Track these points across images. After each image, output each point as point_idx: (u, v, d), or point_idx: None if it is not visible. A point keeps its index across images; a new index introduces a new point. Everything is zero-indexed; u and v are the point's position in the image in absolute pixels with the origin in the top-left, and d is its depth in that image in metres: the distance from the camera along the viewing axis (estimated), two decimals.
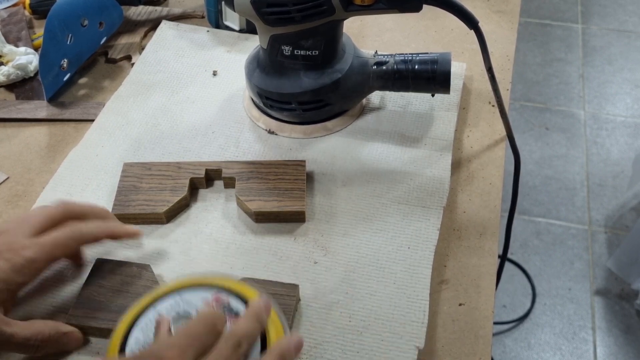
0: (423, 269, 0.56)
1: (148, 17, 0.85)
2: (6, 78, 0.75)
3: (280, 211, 0.58)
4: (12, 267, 0.46)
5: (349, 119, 0.69)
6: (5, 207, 0.62)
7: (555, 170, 1.81)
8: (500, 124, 0.69)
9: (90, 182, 0.63)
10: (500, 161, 0.67)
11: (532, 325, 1.49)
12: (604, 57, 2.17)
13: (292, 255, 0.57)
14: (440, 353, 0.52)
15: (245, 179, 0.61)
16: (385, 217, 0.60)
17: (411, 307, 0.53)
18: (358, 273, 0.56)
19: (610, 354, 1.43)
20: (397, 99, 0.71)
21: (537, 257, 1.61)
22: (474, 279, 0.57)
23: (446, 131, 0.68)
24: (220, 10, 0.80)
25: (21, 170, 0.66)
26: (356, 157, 0.66)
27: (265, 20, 0.59)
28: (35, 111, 0.72)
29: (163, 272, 0.56)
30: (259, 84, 0.65)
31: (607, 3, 2.39)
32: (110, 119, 0.70)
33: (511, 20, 0.85)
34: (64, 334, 0.49)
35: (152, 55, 0.77)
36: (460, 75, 0.74)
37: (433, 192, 0.62)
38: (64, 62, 0.73)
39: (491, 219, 0.61)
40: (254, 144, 0.67)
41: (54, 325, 0.48)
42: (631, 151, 1.85)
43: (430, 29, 0.84)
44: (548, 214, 1.71)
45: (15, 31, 0.82)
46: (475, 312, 0.54)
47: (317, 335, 0.51)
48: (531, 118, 1.96)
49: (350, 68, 0.65)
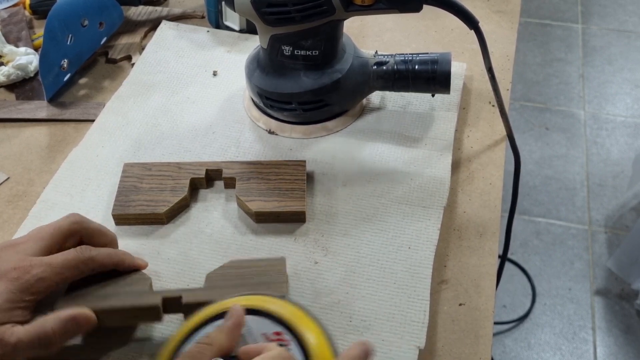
0: (423, 269, 0.56)
1: (148, 17, 0.85)
2: (6, 78, 0.75)
3: (281, 211, 0.58)
4: (20, 287, 0.45)
5: (349, 119, 0.69)
6: (6, 207, 0.62)
7: (555, 170, 1.81)
8: (500, 124, 0.69)
9: (90, 183, 0.63)
10: (500, 161, 0.67)
11: (532, 325, 1.49)
12: (604, 57, 2.17)
13: (292, 255, 0.57)
14: (440, 353, 0.52)
15: (245, 179, 0.61)
16: (385, 217, 0.60)
17: (412, 307, 0.53)
18: (358, 273, 0.56)
19: (610, 354, 1.43)
20: (397, 99, 0.71)
21: (537, 257, 1.61)
22: (474, 279, 0.57)
23: (446, 131, 0.68)
24: (220, 10, 0.80)
25: (21, 170, 0.66)
26: (356, 157, 0.66)
27: (265, 20, 0.59)
28: (36, 111, 0.72)
29: (163, 272, 0.56)
30: (259, 84, 0.65)
31: (607, 3, 2.39)
32: (111, 119, 0.70)
33: (511, 20, 0.85)
34: (70, 319, 0.46)
35: (152, 55, 0.77)
36: (461, 75, 0.74)
37: (433, 192, 0.62)
38: (64, 62, 0.73)
39: (491, 219, 0.61)
40: (254, 144, 0.67)
41: (54, 317, 0.46)
42: (631, 151, 1.85)
43: (430, 29, 0.84)
44: (548, 214, 1.71)
45: (16, 31, 0.82)
46: (476, 312, 0.54)
47: None
48: (531, 118, 1.96)
49: (350, 68, 0.65)
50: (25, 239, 0.49)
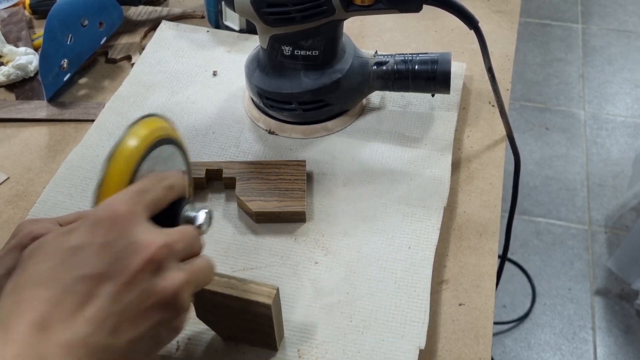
0: (424, 269, 0.56)
1: (148, 17, 0.85)
2: (6, 78, 0.75)
3: (281, 211, 0.58)
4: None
5: (349, 119, 0.69)
6: (6, 207, 0.62)
7: (555, 170, 1.81)
8: (500, 124, 0.69)
9: (90, 183, 0.63)
10: (500, 161, 0.67)
11: (532, 325, 1.49)
12: (604, 57, 2.17)
13: (292, 255, 0.57)
14: (440, 353, 0.52)
15: (245, 179, 0.61)
16: (385, 217, 0.60)
17: (412, 307, 0.53)
18: (359, 273, 0.55)
19: (610, 354, 1.43)
20: (397, 99, 0.71)
21: (537, 257, 1.61)
22: (474, 279, 0.57)
23: (446, 131, 0.68)
24: (220, 10, 0.80)
25: (21, 170, 0.66)
26: (356, 157, 0.66)
27: (265, 20, 0.59)
28: (35, 111, 0.72)
29: None
30: (259, 84, 0.65)
31: (607, 3, 2.39)
32: (110, 119, 0.70)
33: (511, 20, 0.85)
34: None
35: (152, 55, 0.77)
36: (460, 75, 0.74)
37: (433, 192, 0.62)
38: (64, 62, 0.73)
39: (491, 219, 0.61)
40: (254, 144, 0.67)
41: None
42: (631, 151, 1.85)
43: (430, 29, 0.84)
44: (548, 214, 1.71)
45: (15, 31, 0.82)
46: (475, 312, 0.54)
47: (318, 335, 0.51)
48: (531, 118, 1.96)
49: (350, 68, 0.65)
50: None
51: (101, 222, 0.36)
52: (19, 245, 0.43)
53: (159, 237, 0.36)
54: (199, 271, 0.39)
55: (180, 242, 0.38)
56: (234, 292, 0.45)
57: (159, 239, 0.36)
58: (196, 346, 0.51)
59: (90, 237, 0.35)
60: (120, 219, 0.36)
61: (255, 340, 0.50)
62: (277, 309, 0.47)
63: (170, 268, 0.37)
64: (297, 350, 0.50)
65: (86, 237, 0.35)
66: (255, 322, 0.47)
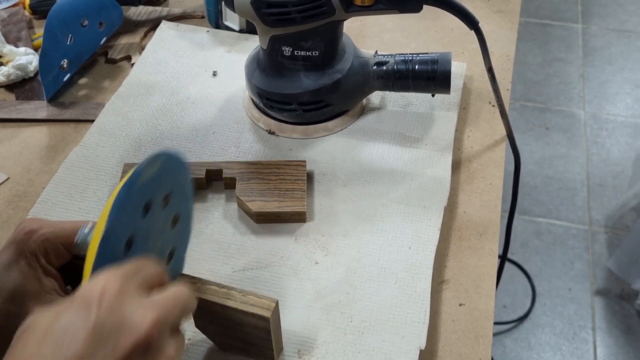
0: (424, 269, 0.56)
1: (148, 17, 0.85)
2: (6, 78, 0.75)
3: (281, 211, 0.58)
4: None
5: (349, 119, 0.69)
6: (6, 208, 0.62)
7: (555, 170, 1.81)
8: (500, 124, 0.69)
9: (90, 183, 0.63)
10: (500, 161, 0.67)
11: (532, 326, 1.49)
12: (604, 57, 2.17)
13: (293, 255, 0.57)
14: (440, 353, 0.52)
15: (245, 180, 0.61)
16: (386, 217, 0.60)
17: (412, 307, 0.53)
18: (359, 273, 0.55)
19: (611, 354, 1.43)
20: (397, 99, 0.71)
21: (538, 257, 1.61)
22: (474, 279, 0.57)
23: (446, 131, 0.68)
24: (220, 10, 0.80)
25: (21, 170, 0.66)
26: (356, 157, 0.66)
27: (265, 21, 0.59)
28: (35, 111, 0.72)
29: None
30: (259, 85, 0.65)
31: (607, 3, 2.39)
32: (110, 119, 0.70)
33: (511, 20, 0.85)
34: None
35: (152, 55, 0.77)
36: (461, 75, 0.74)
37: (433, 192, 0.62)
38: (64, 62, 0.73)
39: (491, 219, 0.61)
40: (255, 145, 0.67)
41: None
42: (631, 151, 1.85)
43: (430, 29, 0.84)
44: (548, 214, 1.71)
45: (15, 31, 0.82)
46: (476, 312, 0.54)
47: (318, 335, 0.51)
48: (531, 118, 1.96)
49: (350, 68, 0.65)
50: None
51: (91, 301, 0.35)
52: (14, 240, 0.44)
53: (150, 314, 0.36)
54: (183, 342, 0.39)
55: (173, 312, 0.37)
56: (232, 303, 0.44)
57: (150, 316, 0.35)
58: (196, 346, 0.51)
59: (80, 317, 0.34)
60: (110, 296, 0.35)
61: (253, 353, 0.49)
62: (276, 322, 0.47)
63: (161, 345, 0.36)
64: (297, 350, 0.50)
65: (76, 317, 0.34)
66: (253, 335, 0.46)
